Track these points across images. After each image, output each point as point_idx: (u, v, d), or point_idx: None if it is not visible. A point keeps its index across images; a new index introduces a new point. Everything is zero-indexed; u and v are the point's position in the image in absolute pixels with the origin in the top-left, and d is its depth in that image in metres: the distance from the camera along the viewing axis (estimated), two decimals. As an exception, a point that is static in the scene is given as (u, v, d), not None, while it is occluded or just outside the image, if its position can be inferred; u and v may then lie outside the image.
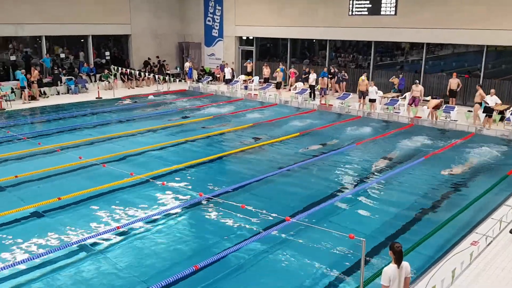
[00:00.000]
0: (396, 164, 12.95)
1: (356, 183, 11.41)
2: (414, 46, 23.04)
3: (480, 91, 17.30)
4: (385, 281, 5.45)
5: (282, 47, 27.75)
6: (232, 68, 27.20)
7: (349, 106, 20.24)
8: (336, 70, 23.65)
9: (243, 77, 26.06)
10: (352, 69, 24.42)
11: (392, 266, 5.48)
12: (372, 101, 19.56)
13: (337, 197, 10.46)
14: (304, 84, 23.28)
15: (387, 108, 19.29)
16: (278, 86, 24.08)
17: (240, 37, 28.34)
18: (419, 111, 18.42)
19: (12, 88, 21.78)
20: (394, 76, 21.76)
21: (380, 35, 22.27)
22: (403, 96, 20.10)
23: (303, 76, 23.72)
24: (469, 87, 20.28)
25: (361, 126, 17.47)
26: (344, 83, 23.38)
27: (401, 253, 5.47)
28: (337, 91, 23.41)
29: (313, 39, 26.15)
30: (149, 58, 28.10)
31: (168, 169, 12.21)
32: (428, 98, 18.79)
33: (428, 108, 18.04)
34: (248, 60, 27.44)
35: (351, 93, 21.32)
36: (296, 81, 24.11)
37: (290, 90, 23.99)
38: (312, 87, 22.14)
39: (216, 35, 28.68)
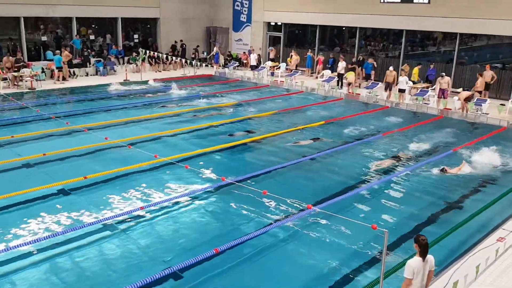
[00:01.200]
0: (423, 156, 12.68)
1: (381, 174, 11.22)
2: (446, 36, 22.41)
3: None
4: (409, 274, 5.35)
5: (310, 34, 27.38)
6: (258, 54, 27.03)
7: (377, 95, 19.89)
8: (365, 59, 23.21)
9: (270, 63, 25.86)
10: (382, 58, 23.93)
11: (417, 259, 5.38)
12: (402, 91, 19.16)
13: (361, 187, 10.32)
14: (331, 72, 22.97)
15: (416, 99, 18.87)
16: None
17: (268, 23, 28.09)
18: (449, 103, 17.96)
19: (42, 68, 22.18)
20: (406, 64, 21.38)
21: (412, 24, 21.70)
22: (433, 87, 19.62)
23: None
24: (503, 80, 19.62)
25: (388, 117, 17.17)
26: (373, 72, 22.94)
27: (427, 246, 5.37)
28: (365, 79, 23.01)
29: (342, 26, 25.71)
30: (176, 42, 28.16)
31: (191, 153, 12.26)
32: (459, 90, 18.29)
33: (459, 99, 17.56)
34: (270, 48, 27.24)
35: (380, 83, 20.93)
36: (323, 69, 23.80)
37: (317, 77, 23.71)
38: (340, 75, 21.83)
39: (244, 20, 28.50)
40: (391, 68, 20.06)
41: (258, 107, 18.41)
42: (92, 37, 26.44)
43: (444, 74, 18.94)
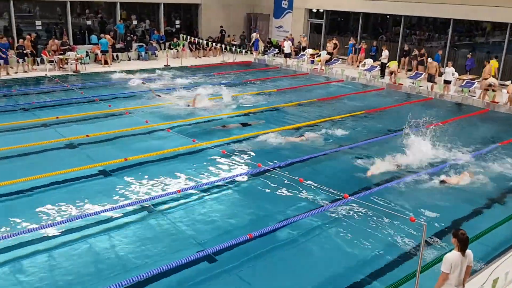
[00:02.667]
0: (467, 149, 12.24)
1: (422, 166, 10.92)
2: (496, 27, 21.45)
3: None
4: (447, 268, 5.20)
5: (353, 21, 26.83)
6: (299, 42, 26.73)
7: (420, 86, 19.33)
8: (410, 48, 22.58)
9: (310, 51, 25.55)
10: (427, 47, 23.19)
11: (456, 253, 5.22)
12: (447, 82, 18.54)
13: (400, 179, 10.08)
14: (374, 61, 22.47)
15: (462, 90, 18.22)
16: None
17: (310, 10, 27.70)
18: (497, 96, 17.23)
19: (87, 52, 22.75)
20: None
21: (460, 13, 20.86)
22: (480, 79, 18.87)
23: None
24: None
25: (432, 108, 16.65)
26: (416, 61, 22.27)
27: (467, 241, 5.20)
28: (410, 70, 22.41)
29: (387, 14, 25.04)
30: (221, 26, 28.21)
31: (229, 138, 12.32)
32: (508, 82, 17.52)
33: (507, 93, 16.82)
34: (303, 34, 26.90)
35: (424, 73, 20.32)
36: (365, 58, 23.31)
37: (358, 66, 23.26)
38: (383, 65, 21.32)
39: (286, 6, 28.21)
40: (430, 59, 19.47)
41: (296, 95, 18.25)
42: (135, 22, 26.87)
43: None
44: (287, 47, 25.43)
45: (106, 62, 22.48)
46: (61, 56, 20.95)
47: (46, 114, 13.79)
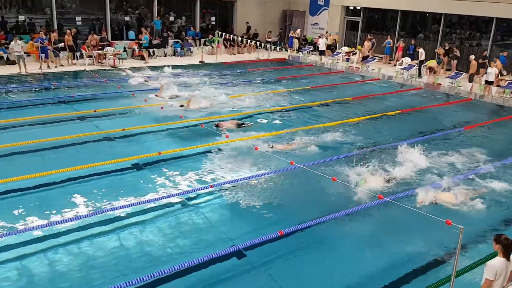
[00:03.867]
0: (508, 153, 11.78)
1: (458, 169, 10.57)
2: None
3: None
4: (492, 275, 5.01)
5: (391, 19, 26.29)
6: (335, 39, 26.41)
7: (459, 86, 18.75)
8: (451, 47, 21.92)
9: (345, 49, 25.20)
10: (467, 47, 22.47)
11: (500, 259, 5.03)
12: (489, 83, 17.90)
13: (436, 182, 9.77)
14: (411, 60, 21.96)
15: (504, 91, 17.56)
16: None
17: (347, 7, 27.31)
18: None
19: (124, 47, 23.17)
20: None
21: (504, 11, 20.09)
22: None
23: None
24: None
25: (471, 110, 16.13)
26: (456, 61, 21.62)
27: (510, 246, 4.99)
28: (449, 70, 21.78)
29: (426, 12, 24.40)
30: (246, 22, 28.24)
31: (263, 135, 12.27)
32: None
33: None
34: (329, 32, 26.56)
35: (464, 73, 19.70)
36: (403, 56, 22.80)
37: (395, 65, 22.77)
38: (421, 63, 20.80)
39: (322, 3, 27.91)
40: (471, 57, 18.85)
41: (330, 93, 18.04)
42: (171, 18, 27.19)
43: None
44: (322, 44, 25.18)
45: (142, 58, 22.84)
46: (99, 51, 21.42)
47: (84, 108, 14.11)
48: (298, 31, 27.15)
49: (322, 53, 24.76)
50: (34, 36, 21.13)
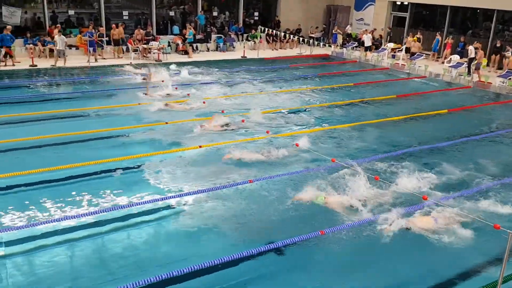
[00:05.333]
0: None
1: (509, 172, 10.07)
2: None
3: None
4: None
5: (439, 15, 25.39)
6: (380, 35, 25.80)
7: (511, 86, 17.90)
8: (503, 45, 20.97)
9: (391, 45, 24.56)
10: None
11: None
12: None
13: (485, 184, 9.35)
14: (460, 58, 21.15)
15: (560, 91, 16.63)
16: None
17: (394, 2, 26.60)
18: None
19: (169, 42, 23.50)
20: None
21: None
22: None
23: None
24: None
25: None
26: (508, 59, 20.63)
27: None
28: (500, 68, 20.84)
29: (477, 8, 23.41)
30: (276, 16, 27.99)
31: (303, 131, 12.12)
32: None
33: None
34: (364, 29, 25.88)
35: (516, 71, 18.79)
36: (452, 53, 21.99)
37: (443, 62, 22.00)
38: (470, 61, 20.00)
39: (368, -2, 27.34)
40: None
41: (373, 90, 17.64)
42: (215, 13, 27.35)
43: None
44: (367, 40, 24.65)
45: (186, 52, 23.10)
46: (145, 46, 21.82)
47: (128, 101, 14.38)
48: (349, 28, 26.67)
49: (367, 49, 24.23)
50: (83, 30, 21.77)
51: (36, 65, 18.87)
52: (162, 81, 17.16)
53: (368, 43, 24.33)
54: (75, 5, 24.64)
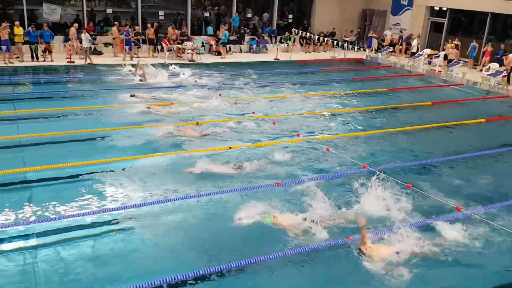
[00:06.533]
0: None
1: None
2: None
3: None
4: None
5: (479, 21, 24.66)
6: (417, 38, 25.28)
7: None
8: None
9: (428, 51, 24.00)
10: None
11: None
12: None
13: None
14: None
15: None
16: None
17: (432, 7, 26.01)
18: None
19: (202, 42, 23.67)
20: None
21: None
22: None
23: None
24: None
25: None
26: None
27: None
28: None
29: (519, 15, 22.62)
30: (305, 20, 27.77)
31: (335, 135, 11.98)
32: None
33: None
34: (390, 33, 25.53)
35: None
36: (490, 61, 21.30)
37: (481, 70, 21.35)
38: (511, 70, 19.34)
39: (405, 3, 26.78)
40: None
41: (407, 96, 17.27)
42: (249, 15, 27.40)
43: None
44: (414, 45, 23.92)
45: (219, 53, 23.22)
46: (179, 45, 22.05)
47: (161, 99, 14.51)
48: (389, 34, 26.24)
49: (413, 54, 23.38)
50: (119, 28, 22.17)
51: (73, 62, 19.35)
52: (195, 81, 17.33)
53: (414, 48, 23.52)
54: (113, 4, 25.15)
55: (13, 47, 18.73)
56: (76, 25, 21.16)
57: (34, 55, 19.29)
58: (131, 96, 14.39)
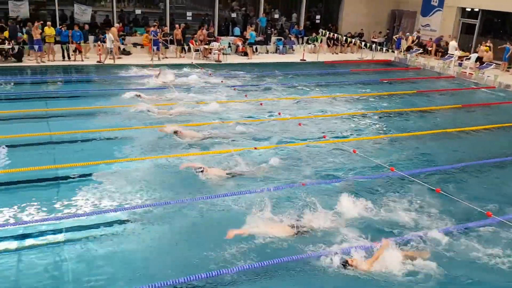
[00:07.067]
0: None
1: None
2: None
3: None
4: None
5: (512, 23, 23.99)
6: (446, 42, 24.71)
7: None
8: None
9: (458, 53, 23.46)
10: None
11: None
12: None
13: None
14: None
15: None
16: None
17: (463, 9, 25.42)
18: None
19: (229, 43, 23.74)
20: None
21: None
22: None
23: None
24: None
25: None
26: None
27: None
28: None
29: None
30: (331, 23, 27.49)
31: (362, 138, 11.83)
32: None
33: None
34: (413, 34, 25.47)
35: None
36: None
37: (514, 73, 20.75)
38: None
39: (436, 4, 26.26)
40: None
41: (436, 99, 16.93)
42: (276, 16, 27.34)
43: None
44: (451, 47, 23.26)
45: (245, 54, 23.25)
46: (206, 46, 22.18)
47: (187, 99, 14.59)
48: (416, 34, 25.80)
49: (450, 56, 22.74)
50: (148, 29, 22.46)
51: (102, 62, 19.70)
52: (222, 81, 17.39)
53: (452, 50, 22.88)
54: (142, 5, 25.51)
55: (44, 46, 19.18)
56: (117, 25, 21.61)
57: (66, 55, 19.75)
58: (136, 96, 14.28)
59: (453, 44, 23.05)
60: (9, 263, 6.20)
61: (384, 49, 24.42)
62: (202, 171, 8.74)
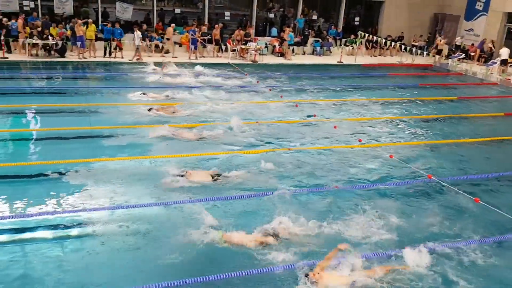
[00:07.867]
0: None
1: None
2: None
3: None
4: None
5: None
6: (489, 47, 23.90)
7: None
8: None
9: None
10: None
11: None
12: None
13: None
14: None
15: None
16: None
17: (509, 13, 24.49)
18: None
19: (266, 43, 23.70)
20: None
21: None
22: None
23: None
24: None
25: None
26: None
27: None
28: None
29: None
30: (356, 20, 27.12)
31: (398, 143, 11.55)
32: None
33: None
34: (440, 38, 24.76)
35: None
36: None
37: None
38: None
39: (480, 8, 25.42)
40: None
41: (477, 106, 16.36)
42: (314, 17, 27.13)
43: None
44: (504, 53, 22.46)
45: (282, 55, 23.18)
46: (243, 46, 22.24)
47: (220, 98, 14.62)
48: (458, 39, 25.11)
49: (503, 62, 21.66)
50: (186, 28, 22.71)
51: (141, 59, 20.05)
52: (257, 82, 17.37)
53: (505, 56, 21.86)
54: (181, 4, 25.83)
55: (86, 42, 19.67)
56: (173, 25, 22.02)
57: (108, 51, 20.21)
58: (142, 94, 14.22)
59: (505, 51, 21.83)
60: None
61: (425, 53, 23.81)
62: (183, 175, 8.39)
